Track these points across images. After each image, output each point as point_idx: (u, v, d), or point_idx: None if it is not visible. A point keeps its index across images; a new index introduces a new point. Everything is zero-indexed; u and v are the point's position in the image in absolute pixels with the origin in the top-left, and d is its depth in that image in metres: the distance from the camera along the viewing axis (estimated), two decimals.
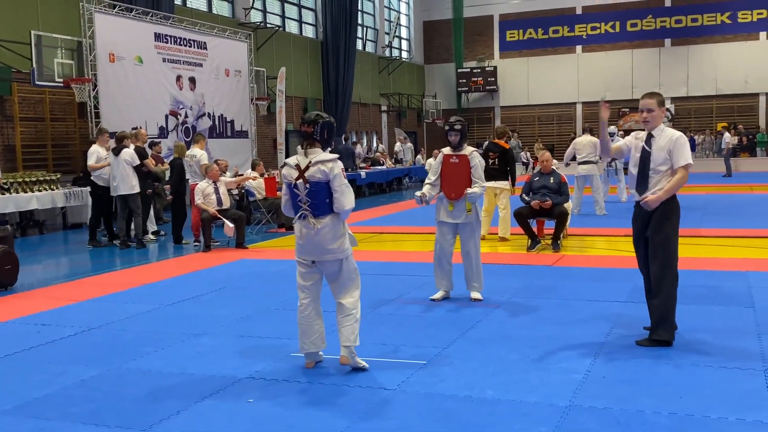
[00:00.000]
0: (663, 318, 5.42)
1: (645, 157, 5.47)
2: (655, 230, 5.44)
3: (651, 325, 5.53)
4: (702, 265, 8.82)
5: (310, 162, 4.97)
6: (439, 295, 7.29)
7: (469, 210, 7.11)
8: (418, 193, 7.17)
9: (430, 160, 25.69)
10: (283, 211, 5.32)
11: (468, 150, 7.26)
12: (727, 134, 26.12)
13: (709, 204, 15.88)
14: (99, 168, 11.97)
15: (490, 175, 10.77)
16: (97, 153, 12.10)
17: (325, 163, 4.96)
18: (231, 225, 10.85)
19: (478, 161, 7.20)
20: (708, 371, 4.85)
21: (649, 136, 5.50)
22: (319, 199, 4.98)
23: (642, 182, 5.49)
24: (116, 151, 11.68)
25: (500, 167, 11.19)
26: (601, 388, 4.59)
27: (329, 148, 5.14)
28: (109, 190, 11.91)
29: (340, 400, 4.54)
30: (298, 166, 5.01)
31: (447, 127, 7.28)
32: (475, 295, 7.20)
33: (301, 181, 4.98)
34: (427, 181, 7.35)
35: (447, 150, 7.34)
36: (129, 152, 11.67)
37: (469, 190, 7.06)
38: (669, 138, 5.42)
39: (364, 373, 5.01)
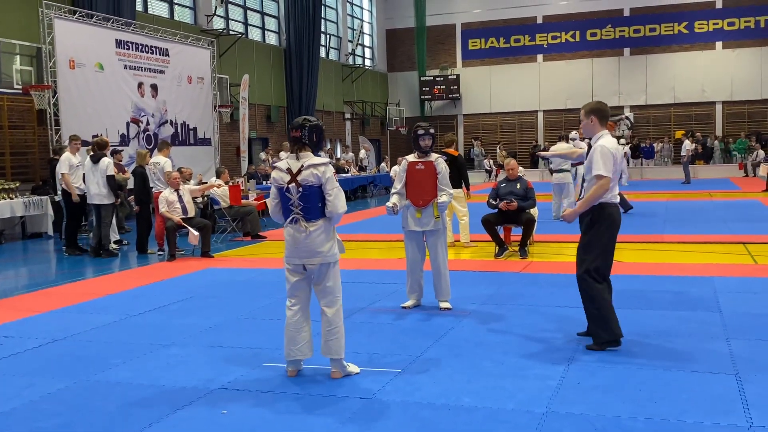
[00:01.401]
0: (601, 319, 5.47)
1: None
2: (582, 236, 5.59)
3: (590, 330, 5.59)
4: (667, 270, 8.95)
5: (302, 166, 4.96)
6: (410, 302, 7.26)
7: (437, 217, 7.10)
8: (389, 204, 7.09)
9: (395, 167, 25.74)
10: (271, 215, 5.26)
11: (433, 156, 7.24)
12: (687, 142, 26.61)
13: (669, 210, 16.14)
14: (68, 180, 11.79)
15: None
16: (68, 161, 11.86)
17: (317, 166, 4.97)
18: (196, 233, 10.72)
19: (443, 168, 7.19)
20: (680, 375, 4.90)
21: (590, 146, 5.61)
22: (311, 202, 4.97)
23: (584, 191, 5.63)
24: (95, 159, 11.45)
25: (453, 174, 11.26)
26: (576, 394, 4.60)
27: (320, 152, 5.14)
28: (82, 197, 11.72)
29: (317, 409, 4.48)
30: (289, 170, 4.99)
31: (421, 131, 7.22)
32: (444, 304, 7.17)
33: (293, 184, 4.96)
34: (393, 190, 7.27)
35: (411, 157, 7.29)
36: (107, 161, 11.46)
37: (439, 200, 7.06)
38: (593, 148, 5.50)
39: (339, 382, 4.96)
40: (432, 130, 7.30)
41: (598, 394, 4.58)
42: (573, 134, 17.29)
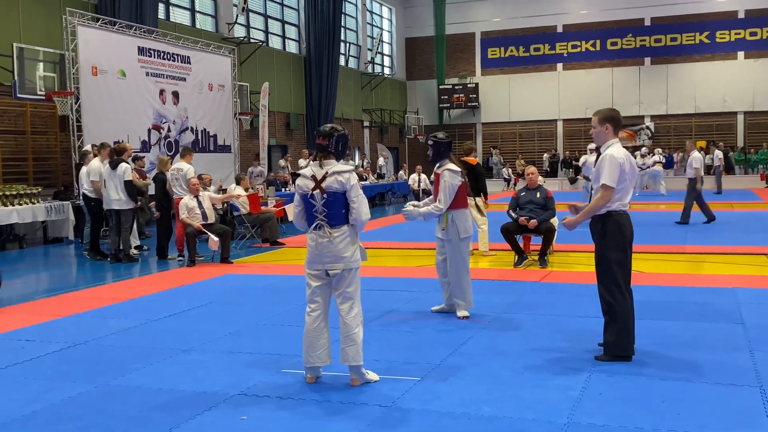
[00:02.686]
0: (616, 333, 5.42)
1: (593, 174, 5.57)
2: (595, 248, 5.53)
3: (604, 341, 5.53)
4: (689, 281, 8.87)
5: (326, 173, 5.01)
6: (438, 307, 7.35)
7: (443, 228, 7.14)
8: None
9: (413, 175, 25.76)
10: (294, 222, 5.26)
11: (442, 168, 7.21)
12: (717, 152, 26.38)
13: (691, 221, 15.98)
14: (98, 187, 11.89)
15: None
16: (99, 168, 11.89)
17: (341, 173, 5.01)
18: (216, 239, 10.76)
19: (445, 182, 7.07)
20: (703, 387, 4.84)
21: (598, 154, 5.56)
22: (335, 209, 5.01)
23: (591, 199, 5.60)
24: (113, 165, 11.52)
25: (471, 184, 11.25)
26: (598, 405, 4.56)
27: (342, 160, 5.18)
28: (101, 203, 11.80)
29: (336, 416, 4.47)
30: (314, 177, 5.02)
31: (429, 142, 7.36)
32: (460, 312, 7.14)
33: (318, 191, 4.99)
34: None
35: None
36: (125, 167, 11.52)
37: (421, 209, 7.07)
38: (602, 157, 5.44)
39: (359, 389, 4.94)
40: (431, 142, 7.29)
41: (620, 406, 4.53)
42: (592, 146, 17.23)
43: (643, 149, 28.38)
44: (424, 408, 4.56)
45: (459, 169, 7.17)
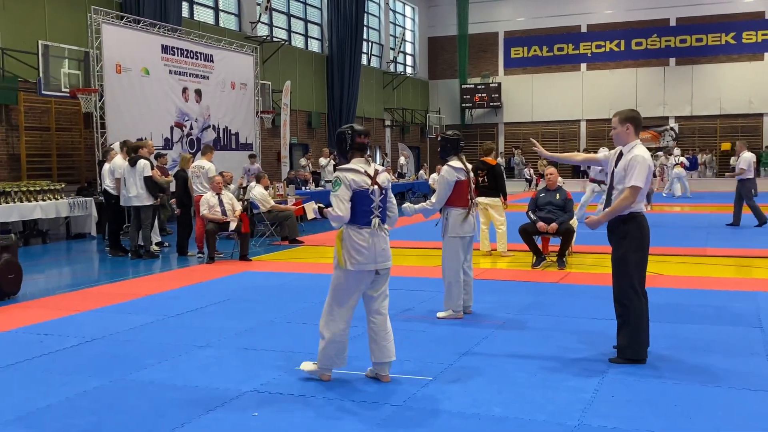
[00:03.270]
0: (631, 336, 5.38)
1: (611, 173, 5.51)
2: (613, 250, 5.49)
3: (618, 343, 5.50)
4: (709, 284, 8.78)
5: (377, 170, 5.09)
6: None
7: (436, 224, 7.20)
8: None
9: (434, 175, 25.70)
10: (341, 218, 4.92)
11: (443, 164, 7.28)
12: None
13: (714, 223, 15.84)
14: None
15: (482, 192, 11.11)
16: (123, 166, 11.99)
17: (383, 172, 5.15)
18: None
19: (442, 177, 7.14)
20: (717, 392, 4.80)
21: (620, 154, 5.50)
22: (385, 205, 5.12)
23: (607, 198, 5.57)
24: (132, 162, 11.63)
25: (490, 184, 11.24)
26: (609, 407, 4.54)
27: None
28: (118, 199, 11.93)
29: (346, 415, 4.48)
30: (367, 173, 5.04)
31: None
32: (439, 313, 7.15)
33: (376, 187, 5.03)
34: None
35: None
36: (143, 163, 11.62)
37: (404, 205, 7.18)
38: (631, 157, 5.38)
39: (372, 387, 4.96)
40: (440, 137, 7.35)
41: (632, 408, 4.50)
42: (603, 151, 17.23)
43: (675, 150, 28.14)
44: (435, 408, 4.57)
45: (460, 167, 7.10)
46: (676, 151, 28.65)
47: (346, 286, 5.01)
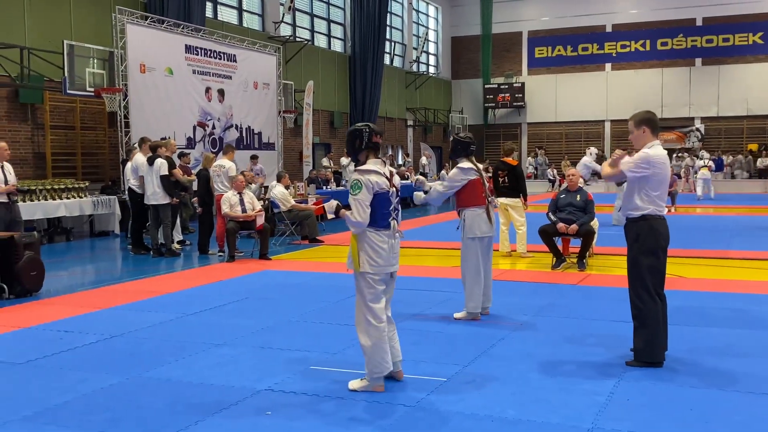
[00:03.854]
0: (646, 339, 5.34)
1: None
2: (628, 250, 5.50)
3: (634, 346, 5.46)
4: (729, 287, 8.69)
5: (391, 171, 5.07)
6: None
7: (458, 226, 7.25)
8: None
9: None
10: (362, 222, 4.83)
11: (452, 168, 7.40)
12: None
13: (738, 226, 15.65)
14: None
15: (502, 192, 11.20)
16: (145, 164, 12.08)
17: (395, 173, 5.13)
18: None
19: (449, 174, 7.33)
20: (734, 396, 4.74)
21: None
22: (399, 207, 5.10)
23: (624, 196, 5.57)
24: (150, 161, 11.75)
25: (510, 184, 11.22)
26: (624, 411, 4.50)
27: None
28: (141, 197, 12.05)
29: (358, 415, 4.49)
30: (384, 174, 4.98)
31: None
32: (457, 313, 7.16)
33: (394, 189, 5.03)
34: None
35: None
36: (160, 162, 11.72)
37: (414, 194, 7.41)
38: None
39: (386, 388, 4.95)
40: (454, 139, 7.39)
41: (647, 412, 4.47)
42: (593, 149, 17.59)
43: (704, 153, 27.84)
44: (448, 409, 4.56)
45: (470, 167, 7.10)
46: (705, 153, 28.34)
47: (373, 290, 4.92)
